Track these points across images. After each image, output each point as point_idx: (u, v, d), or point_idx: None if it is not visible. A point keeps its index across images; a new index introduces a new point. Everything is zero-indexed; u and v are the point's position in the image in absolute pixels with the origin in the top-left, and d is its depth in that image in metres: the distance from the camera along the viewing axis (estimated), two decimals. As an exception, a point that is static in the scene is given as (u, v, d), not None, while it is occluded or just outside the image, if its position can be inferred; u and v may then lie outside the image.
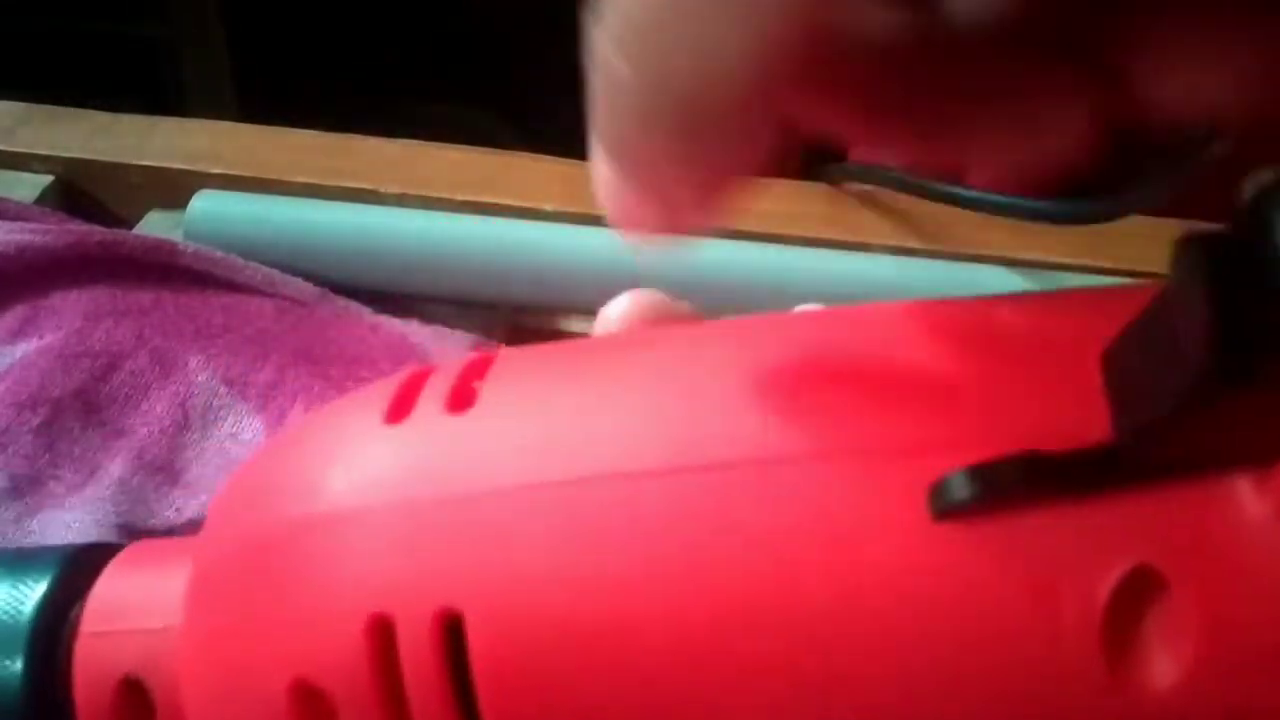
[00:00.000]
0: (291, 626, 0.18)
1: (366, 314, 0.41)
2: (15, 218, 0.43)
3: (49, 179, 0.46)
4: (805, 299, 0.22)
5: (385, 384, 0.20)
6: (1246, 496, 0.15)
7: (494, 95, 1.00)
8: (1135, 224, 0.42)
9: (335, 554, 0.18)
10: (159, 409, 0.37)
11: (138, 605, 0.21)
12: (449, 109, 1.03)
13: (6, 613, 0.22)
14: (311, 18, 1.08)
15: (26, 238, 0.40)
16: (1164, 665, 0.15)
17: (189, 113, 0.50)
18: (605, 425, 0.17)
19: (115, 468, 0.35)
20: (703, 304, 0.22)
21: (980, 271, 0.42)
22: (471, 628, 0.17)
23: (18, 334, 0.38)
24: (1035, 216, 0.32)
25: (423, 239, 0.42)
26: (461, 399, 0.19)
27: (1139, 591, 0.15)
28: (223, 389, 0.37)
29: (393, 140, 0.47)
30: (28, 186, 0.46)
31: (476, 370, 0.19)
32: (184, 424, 0.36)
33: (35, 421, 0.36)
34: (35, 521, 0.34)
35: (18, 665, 0.21)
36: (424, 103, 1.03)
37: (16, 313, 0.39)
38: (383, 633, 0.17)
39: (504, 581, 0.17)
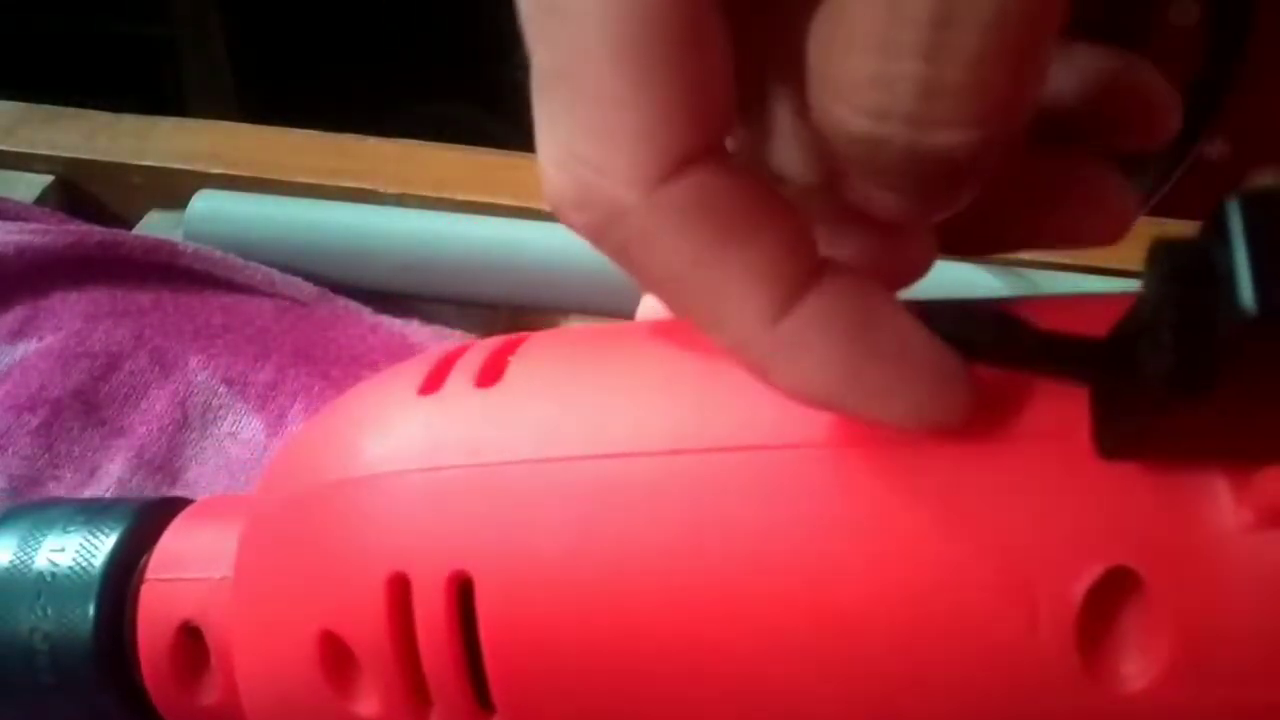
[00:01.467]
0: (322, 581, 0.19)
1: (366, 314, 0.41)
2: (15, 218, 0.43)
3: (49, 179, 0.46)
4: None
5: (423, 359, 0.21)
6: (1225, 503, 0.15)
7: (493, 95, 1.00)
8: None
9: (364, 515, 0.19)
10: (158, 408, 0.37)
11: (198, 556, 0.23)
12: (448, 109, 1.03)
13: (81, 562, 0.23)
14: (311, 18, 1.08)
15: (26, 238, 0.40)
16: (1138, 665, 0.15)
17: (189, 113, 0.50)
18: (623, 405, 0.18)
19: (115, 467, 0.35)
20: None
21: (979, 273, 0.42)
22: (481, 591, 0.18)
23: (17, 334, 0.38)
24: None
25: (423, 239, 0.42)
26: (491, 374, 0.20)
27: (1115, 592, 0.15)
28: (222, 388, 0.37)
29: (393, 140, 0.47)
30: (28, 186, 0.45)
31: (508, 348, 0.20)
32: (183, 423, 0.36)
33: (35, 422, 0.36)
34: (35, 521, 0.34)
35: (89, 611, 0.23)
36: (424, 103, 1.03)
37: (16, 313, 0.39)
38: (400, 591, 0.18)
39: (513, 547, 0.18)
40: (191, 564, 0.23)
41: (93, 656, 0.23)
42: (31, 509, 0.25)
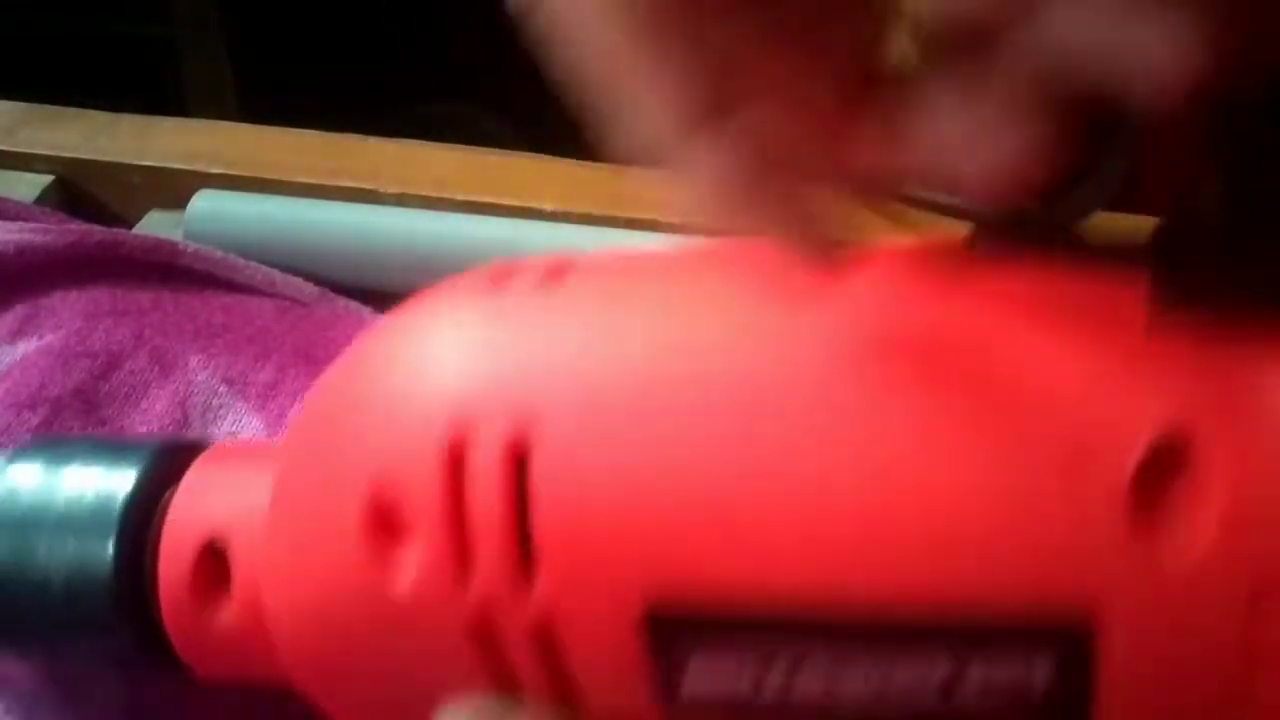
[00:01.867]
0: (376, 432, 0.19)
1: (366, 314, 0.41)
2: (15, 218, 0.43)
3: (49, 179, 0.46)
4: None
5: (478, 272, 0.21)
6: (1274, 362, 0.15)
7: (494, 95, 1.00)
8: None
9: (425, 359, 0.19)
10: (159, 408, 0.37)
11: (227, 482, 0.23)
12: (449, 109, 1.03)
13: (101, 498, 0.23)
14: (311, 18, 1.08)
15: (26, 238, 0.40)
16: (1191, 535, 0.15)
17: (189, 113, 0.50)
18: (681, 305, 0.18)
19: (115, 467, 0.35)
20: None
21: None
22: (540, 436, 0.17)
23: (17, 334, 0.38)
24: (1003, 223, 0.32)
25: (423, 239, 0.42)
26: (556, 276, 0.20)
27: (1168, 464, 0.15)
28: (223, 388, 0.37)
29: (393, 140, 0.47)
30: (28, 186, 0.45)
31: (567, 264, 0.20)
32: (184, 423, 0.36)
33: (35, 421, 0.36)
34: (35, 521, 0.34)
35: (109, 547, 0.23)
36: (424, 103, 1.03)
37: (16, 312, 0.39)
38: (458, 437, 0.18)
39: (578, 385, 0.17)
40: (219, 487, 0.23)
41: (113, 591, 0.22)
42: (56, 441, 0.25)
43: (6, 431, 0.35)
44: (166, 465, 0.24)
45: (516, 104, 0.97)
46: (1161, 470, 0.15)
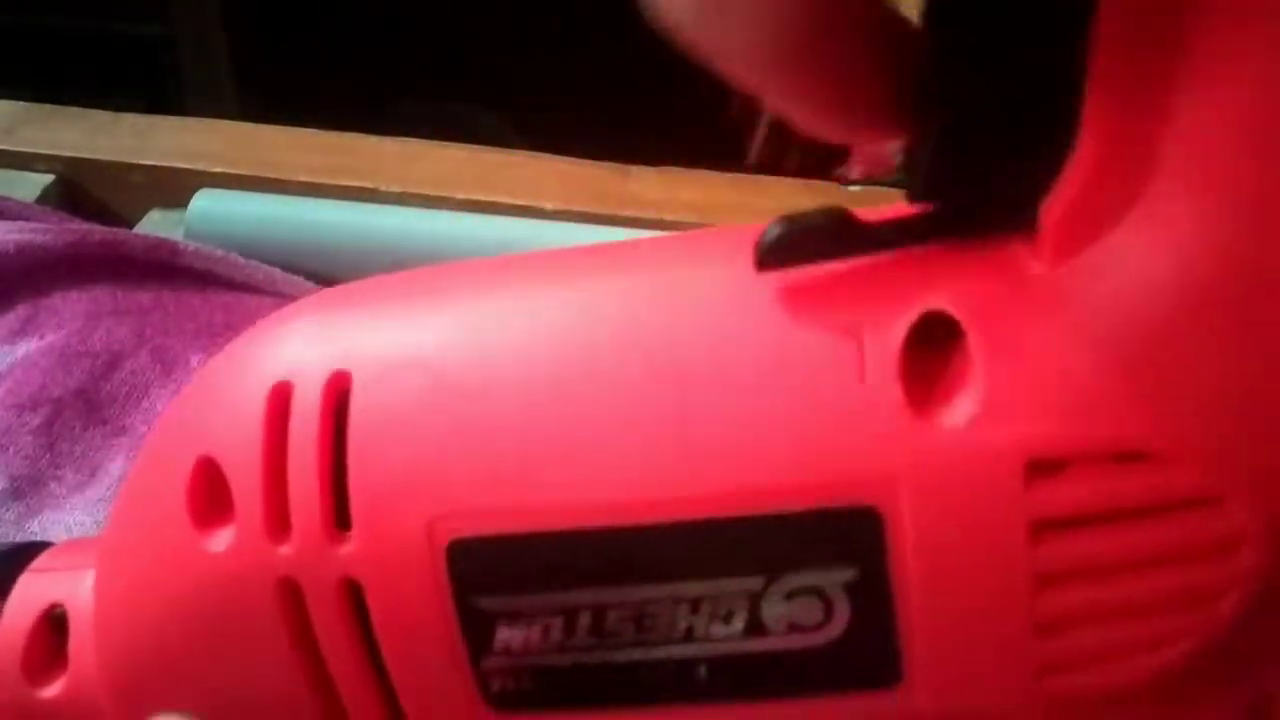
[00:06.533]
0: (208, 409, 0.19)
1: (367, 313, 0.41)
2: (16, 217, 0.43)
3: (49, 178, 0.46)
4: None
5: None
6: (1023, 257, 0.16)
7: (494, 95, 1.00)
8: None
9: (252, 339, 0.19)
10: (160, 407, 0.37)
11: (68, 564, 0.22)
12: (449, 108, 1.03)
13: None
14: (311, 17, 1.08)
15: (27, 237, 0.40)
16: (961, 404, 0.16)
17: (189, 112, 0.50)
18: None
19: (116, 467, 0.35)
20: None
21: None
22: (356, 388, 0.18)
23: (19, 334, 0.38)
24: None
25: (423, 238, 0.43)
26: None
27: (936, 335, 0.16)
28: (223, 388, 0.37)
29: (393, 140, 0.47)
30: (28, 186, 0.46)
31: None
32: (185, 423, 0.36)
33: (36, 421, 0.36)
34: (36, 523, 0.34)
35: None
36: (424, 102, 1.03)
37: (18, 312, 0.39)
38: (280, 401, 0.18)
39: (391, 341, 0.18)
40: (60, 569, 0.22)
41: None
42: None
43: (8, 431, 0.35)
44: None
45: (516, 104, 0.97)
46: (933, 341, 0.16)
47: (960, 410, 0.16)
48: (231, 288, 0.41)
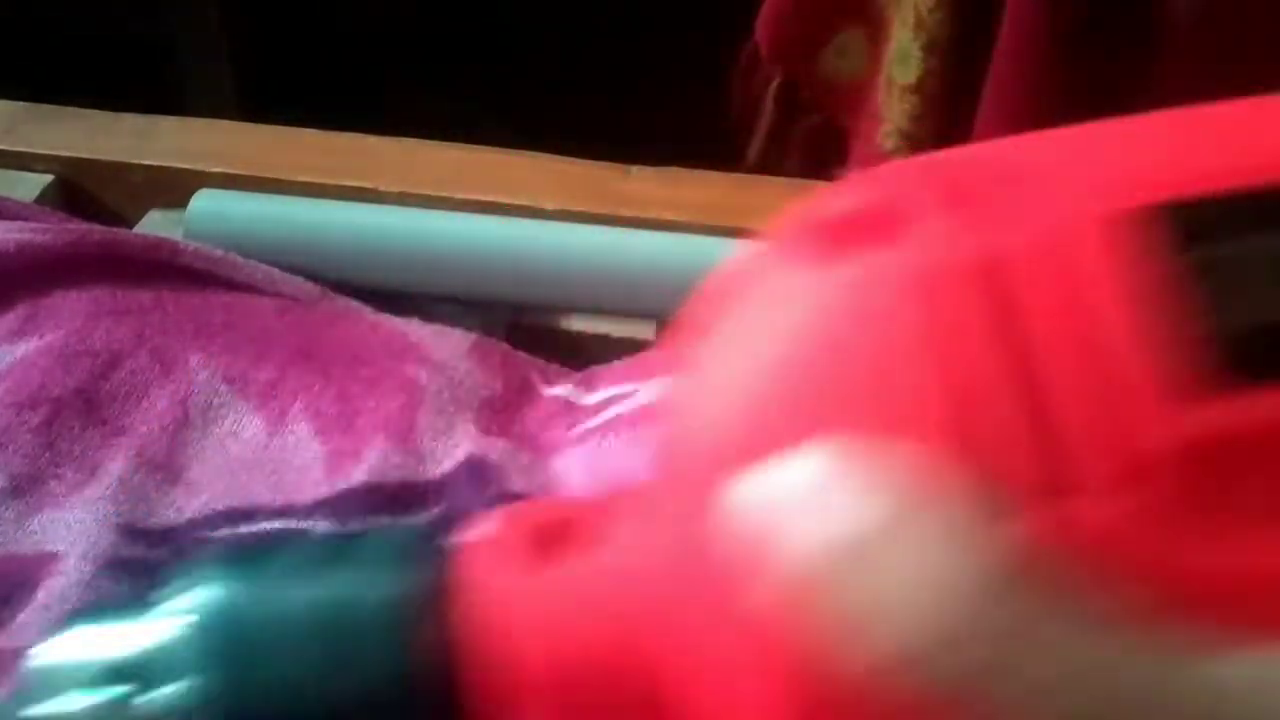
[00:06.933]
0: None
1: (367, 313, 0.41)
2: (15, 217, 0.43)
3: (49, 178, 0.46)
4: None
5: None
6: None
7: (494, 95, 1.00)
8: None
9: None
10: (159, 407, 0.37)
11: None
12: (449, 107, 1.03)
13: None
14: (311, 18, 1.08)
15: (26, 237, 0.40)
16: None
17: (189, 113, 0.50)
18: None
19: (116, 466, 0.35)
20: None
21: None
22: None
23: (18, 333, 0.38)
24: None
25: (423, 238, 0.43)
26: None
27: None
28: (223, 387, 0.37)
29: (393, 140, 0.47)
30: (28, 186, 0.45)
31: None
32: (184, 422, 0.36)
33: (35, 420, 0.36)
34: (36, 521, 0.34)
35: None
36: (424, 102, 1.03)
37: (17, 312, 0.39)
38: None
39: None
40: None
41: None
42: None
43: (7, 431, 0.35)
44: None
45: (516, 104, 0.97)
46: None
47: None
48: (231, 288, 0.41)
